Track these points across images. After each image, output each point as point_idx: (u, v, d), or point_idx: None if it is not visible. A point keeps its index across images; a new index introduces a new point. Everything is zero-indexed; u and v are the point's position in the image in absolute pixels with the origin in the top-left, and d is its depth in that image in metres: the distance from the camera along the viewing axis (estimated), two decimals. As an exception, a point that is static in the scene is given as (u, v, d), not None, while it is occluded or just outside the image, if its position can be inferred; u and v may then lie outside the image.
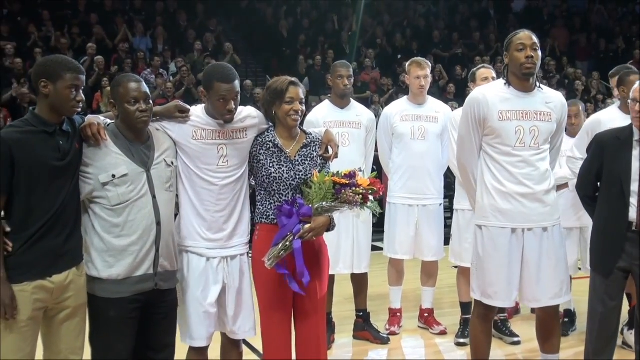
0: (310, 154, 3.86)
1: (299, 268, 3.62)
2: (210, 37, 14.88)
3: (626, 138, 4.21)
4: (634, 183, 4.13)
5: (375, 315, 6.00)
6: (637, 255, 4.14)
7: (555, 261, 4.13)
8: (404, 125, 5.76)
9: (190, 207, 3.74)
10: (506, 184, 4.07)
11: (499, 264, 4.10)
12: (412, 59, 5.99)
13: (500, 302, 4.19)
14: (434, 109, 5.84)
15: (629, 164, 4.15)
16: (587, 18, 19.19)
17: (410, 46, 16.32)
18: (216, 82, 3.66)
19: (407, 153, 5.76)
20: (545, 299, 4.15)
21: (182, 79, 12.86)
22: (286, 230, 3.62)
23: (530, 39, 4.06)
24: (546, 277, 4.11)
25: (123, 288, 3.41)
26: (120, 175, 3.39)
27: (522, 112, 4.07)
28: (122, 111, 3.46)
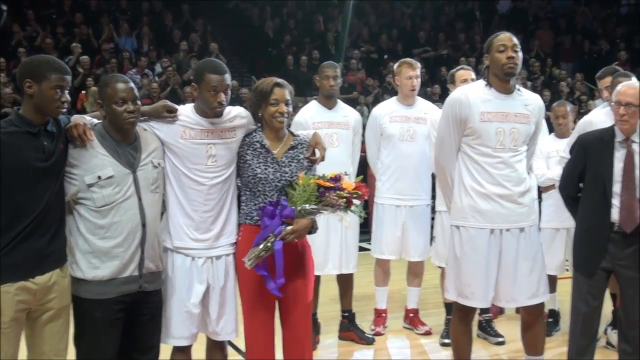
0: (297, 156, 3.86)
1: (278, 270, 3.62)
2: (196, 38, 14.85)
3: (609, 139, 4.26)
4: (616, 184, 4.18)
5: (361, 315, 6.02)
6: (619, 255, 4.20)
7: (531, 261, 4.16)
8: (393, 126, 5.78)
9: (178, 206, 3.73)
10: (485, 185, 4.08)
11: (477, 264, 4.11)
12: (401, 59, 6.00)
13: (477, 302, 4.20)
14: (423, 110, 5.85)
15: (611, 165, 4.20)
16: (572, 19, 19.29)
17: (395, 47, 16.35)
18: (207, 73, 3.66)
19: (396, 154, 5.78)
20: (522, 298, 4.17)
21: (167, 79, 12.82)
22: (268, 231, 3.62)
23: (511, 40, 4.08)
24: (522, 277, 4.13)
25: (108, 289, 3.39)
26: (106, 176, 3.37)
27: (502, 114, 4.09)
28: (109, 112, 3.44)
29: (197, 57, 13.73)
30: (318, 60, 14.02)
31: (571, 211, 4.51)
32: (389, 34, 16.87)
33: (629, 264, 4.19)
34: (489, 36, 4.31)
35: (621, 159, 4.21)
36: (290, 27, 16.55)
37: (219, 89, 3.65)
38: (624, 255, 4.20)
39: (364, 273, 6.34)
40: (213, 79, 3.65)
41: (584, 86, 15.10)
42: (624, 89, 4.25)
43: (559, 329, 5.86)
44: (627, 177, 4.17)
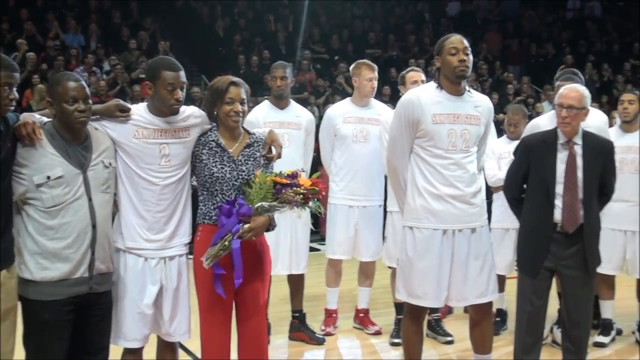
0: (253, 154, 3.85)
1: (236, 269, 3.61)
2: (145, 36, 14.68)
3: (552, 141, 4.36)
4: (558, 185, 4.28)
5: (312, 316, 6.04)
6: (562, 255, 4.30)
7: (482, 261, 4.22)
8: (347, 127, 5.81)
9: (131, 207, 3.70)
10: (438, 186, 4.13)
11: (430, 264, 4.15)
12: (360, 61, 6.01)
13: (429, 302, 4.25)
14: (377, 112, 5.89)
15: (554, 167, 4.30)
16: (519, 23, 19.59)
17: (346, 48, 16.41)
18: (163, 70, 3.65)
19: (349, 155, 5.81)
20: (472, 297, 4.23)
21: (116, 78, 12.67)
22: (225, 230, 3.61)
23: (462, 42, 4.12)
24: (473, 277, 4.19)
25: (57, 291, 3.34)
26: (56, 176, 3.32)
27: (454, 116, 4.13)
28: (59, 110, 3.39)
29: (146, 56, 13.60)
30: (269, 60, 14.00)
31: (515, 212, 4.60)
32: (340, 35, 16.92)
33: (571, 263, 4.29)
34: (438, 38, 4.36)
35: (563, 161, 4.31)
36: (240, 27, 16.48)
37: (176, 85, 3.64)
38: (566, 255, 4.30)
39: (315, 273, 6.37)
40: (169, 76, 3.64)
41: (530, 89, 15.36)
42: (566, 92, 4.36)
43: (507, 328, 5.96)
44: (569, 179, 4.26)
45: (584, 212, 4.25)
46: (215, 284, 3.67)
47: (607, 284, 5.72)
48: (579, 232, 4.26)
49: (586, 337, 4.43)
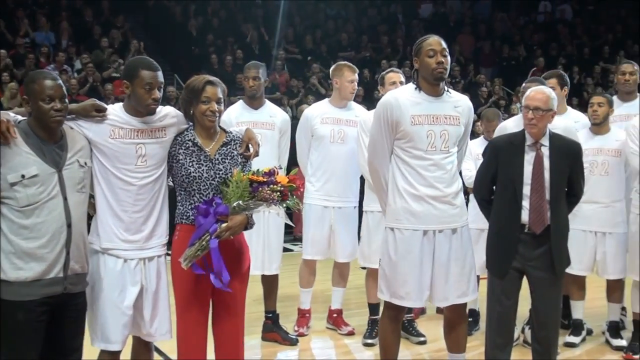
0: (230, 153, 3.86)
1: (216, 268, 3.61)
2: (117, 34, 14.58)
3: (519, 143, 4.41)
4: (525, 186, 4.33)
5: (285, 316, 6.04)
6: (529, 256, 4.34)
7: (462, 261, 4.25)
8: (324, 128, 5.82)
9: (107, 207, 3.69)
10: (418, 187, 4.15)
11: (411, 265, 4.18)
12: (341, 62, 6.03)
13: (411, 303, 4.29)
14: (354, 113, 5.91)
15: (521, 168, 4.35)
16: (492, 26, 19.75)
17: (319, 49, 16.43)
18: (141, 69, 3.65)
19: (326, 156, 5.83)
20: (453, 297, 4.26)
21: (87, 76, 12.57)
22: (202, 230, 3.61)
23: (440, 44, 4.14)
24: (454, 277, 4.22)
25: (31, 291, 3.31)
26: (30, 175, 3.30)
27: (433, 117, 4.16)
28: (35, 109, 3.36)
29: (118, 55, 13.50)
30: (242, 60, 13.97)
31: (485, 214, 4.64)
32: (313, 35, 16.94)
33: (539, 264, 4.34)
34: (411, 40, 4.40)
35: (530, 162, 4.35)
36: (214, 26, 16.43)
37: (154, 85, 3.65)
38: (534, 256, 4.34)
39: (288, 274, 6.37)
40: (147, 75, 3.64)
41: (502, 91, 15.48)
42: (533, 94, 4.41)
43: (479, 328, 6.01)
44: (536, 180, 4.31)
45: (550, 213, 4.30)
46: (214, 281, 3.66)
47: (578, 284, 5.79)
48: (546, 233, 4.31)
49: (554, 338, 4.47)
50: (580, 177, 4.48)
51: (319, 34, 17.12)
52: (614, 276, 5.66)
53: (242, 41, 16.07)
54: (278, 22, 16.59)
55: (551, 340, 4.45)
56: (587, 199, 4.70)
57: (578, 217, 4.93)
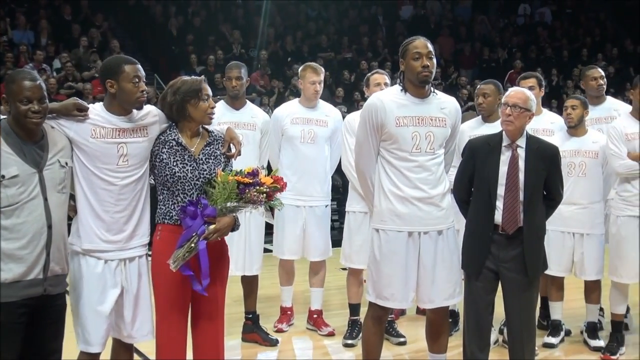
0: (213, 152, 3.86)
1: (203, 269, 3.61)
2: (96, 33, 14.49)
3: (496, 144, 4.44)
4: (500, 187, 4.35)
5: (265, 317, 6.05)
6: (502, 257, 4.36)
7: (449, 263, 4.27)
8: (294, 128, 5.83)
9: (88, 208, 3.67)
10: (403, 189, 4.16)
11: (396, 266, 4.19)
12: (307, 63, 6.06)
13: (397, 304, 4.31)
14: (324, 113, 5.94)
15: (496, 168, 4.38)
16: (472, 28, 19.85)
17: (301, 49, 16.44)
18: (125, 65, 3.66)
19: (296, 155, 5.85)
20: (439, 299, 4.28)
21: (67, 75, 12.49)
22: (191, 232, 3.61)
23: (426, 47, 4.16)
24: (440, 279, 4.24)
25: (11, 292, 3.29)
26: (11, 175, 3.27)
27: (418, 118, 4.17)
28: (13, 109, 3.34)
29: (97, 54, 13.42)
30: (223, 60, 13.94)
31: (463, 213, 4.66)
32: (294, 36, 16.94)
33: (512, 266, 4.36)
34: (391, 41, 4.41)
35: (506, 162, 4.38)
36: (194, 26, 16.39)
37: (140, 78, 3.67)
38: (507, 258, 4.36)
39: (268, 274, 6.37)
40: (132, 69, 3.66)
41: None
42: (513, 92, 4.47)
43: (458, 329, 6.02)
44: (510, 180, 4.34)
45: (524, 215, 4.33)
46: (194, 285, 3.67)
47: (556, 285, 5.84)
48: (519, 235, 4.34)
49: (528, 340, 4.47)
50: (558, 181, 4.50)
51: (300, 35, 17.13)
52: (591, 277, 5.71)
53: (223, 41, 16.04)
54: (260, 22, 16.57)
55: (525, 342, 4.45)
56: (565, 200, 4.74)
57: (556, 219, 4.96)
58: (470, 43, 18.75)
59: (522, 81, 5.96)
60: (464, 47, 18.53)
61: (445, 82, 16.06)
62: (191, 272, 3.65)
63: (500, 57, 18.16)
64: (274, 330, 5.98)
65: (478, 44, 18.75)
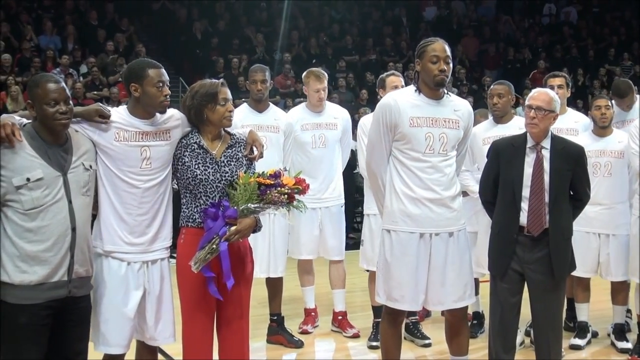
0: (235, 155, 3.88)
1: (225, 271, 3.63)
2: (122, 38, 14.63)
3: (520, 145, 4.42)
4: (525, 188, 4.33)
5: (290, 319, 6.06)
6: (528, 259, 4.34)
7: (459, 265, 4.24)
8: (305, 135, 5.88)
9: (112, 210, 3.70)
10: (415, 189, 4.15)
11: (406, 268, 4.18)
12: (309, 70, 6.05)
13: (407, 306, 4.26)
14: (332, 115, 5.97)
15: (521, 170, 4.35)
16: (496, 28, 19.75)
17: (325, 51, 16.45)
18: (149, 69, 3.69)
19: (309, 160, 5.88)
20: (449, 301, 4.26)
21: (93, 80, 12.61)
22: (212, 233, 3.63)
23: (444, 51, 4.13)
24: (450, 281, 4.21)
25: (35, 294, 3.32)
26: (35, 178, 3.31)
27: (431, 119, 4.16)
28: (40, 112, 3.37)
29: (123, 58, 13.53)
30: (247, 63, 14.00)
31: (489, 214, 4.64)
32: (317, 38, 16.96)
33: (538, 268, 4.33)
34: (415, 42, 4.39)
35: (531, 164, 4.36)
36: (218, 29, 16.46)
37: (164, 82, 3.69)
38: (533, 259, 4.33)
39: (293, 276, 6.37)
40: (156, 73, 3.69)
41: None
42: (537, 94, 4.43)
43: (484, 331, 5.99)
44: (535, 182, 4.31)
45: (549, 217, 4.30)
46: (209, 286, 3.69)
47: (582, 286, 5.79)
48: (545, 236, 4.31)
49: (555, 342, 4.44)
50: (584, 181, 4.46)
51: (324, 37, 17.14)
52: (617, 278, 5.66)
53: (247, 44, 16.09)
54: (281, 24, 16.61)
55: (551, 344, 4.42)
56: (590, 200, 4.69)
57: (581, 219, 4.91)
58: (494, 43, 18.65)
59: (550, 79, 5.90)
60: (489, 48, 18.43)
61: (470, 83, 15.98)
62: (212, 274, 3.67)
63: (525, 58, 18.04)
64: (299, 332, 5.99)
65: (502, 45, 18.64)
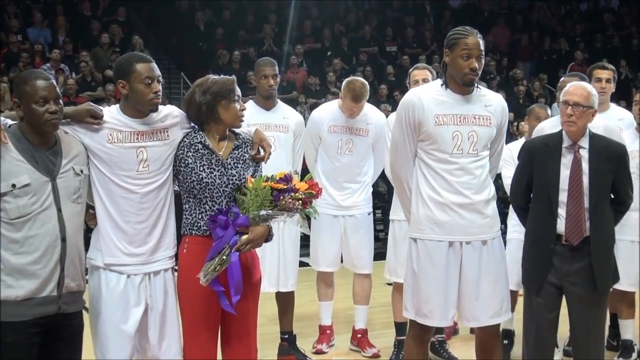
0: (242, 156, 3.88)
1: (236, 284, 3.62)
2: (118, 29, 14.68)
3: (555, 145, 4.37)
4: (562, 193, 4.28)
5: (302, 337, 6.04)
6: (567, 270, 4.29)
7: (495, 277, 4.21)
8: (332, 138, 5.84)
9: (108, 218, 3.70)
10: (443, 194, 4.13)
11: (435, 280, 4.15)
12: (348, 79, 5.87)
13: (436, 322, 4.23)
14: (365, 120, 5.89)
15: (557, 173, 4.31)
16: (529, 16, 19.68)
17: (340, 43, 16.45)
18: (136, 63, 3.68)
19: (333, 165, 5.85)
20: (485, 317, 4.22)
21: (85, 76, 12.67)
22: (222, 243, 3.62)
23: (478, 47, 4.07)
24: (485, 294, 4.18)
25: (22, 311, 3.31)
26: (22, 184, 3.30)
27: (459, 117, 4.13)
28: (27, 112, 3.37)
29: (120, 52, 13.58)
30: (254, 56, 14.02)
31: (522, 222, 4.61)
32: (332, 28, 16.95)
33: (578, 280, 4.28)
34: (440, 33, 4.37)
35: (568, 166, 4.31)
36: (223, 19, 16.49)
37: (153, 77, 3.67)
38: (572, 271, 4.29)
39: (306, 290, 6.36)
40: (144, 68, 3.67)
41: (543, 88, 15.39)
42: (573, 88, 4.39)
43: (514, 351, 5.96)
44: (574, 185, 4.27)
45: (590, 223, 4.26)
46: (220, 300, 3.67)
47: (627, 301, 5.72)
48: (585, 245, 4.27)
49: None
50: (627, 182, 4.41)
51: (339, 27, 17.13)
52: (667, 292, 5.61)
53: (254, 36, 16.10)
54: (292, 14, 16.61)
55: None
56: (634, 206, 4.65)
57: (624, 227, 4.87)
58: (528, 33, 18.58)
59: (597, 71, 5.76)
60: (521, 38, 18.37)
61: (500, 76, 15.93)
62: (222, 288, 3.66)
63: (562, 48, 17.96)
64: (313, 352, 5.97)
65: (537, 34, 18.57)
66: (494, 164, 4.39)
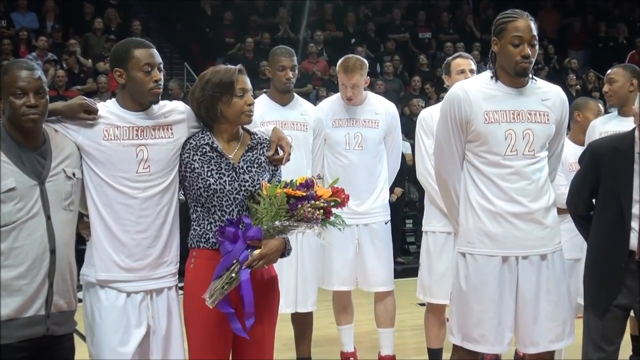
0: (257, 159, 3.87)
1: (247, 305, 3.59)
2: (114, 14, 14.73)
3: (626, 149, 4.29)
4: (635, 204, 4.21)
5: (323, 364, 6.04)
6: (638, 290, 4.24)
7: (556, 296, 4.17)
8: (337, 133, 5.80)
9: (103, 228, 3.70)
10: (495, 202, 4.09)
11: (487, 300, 4.11)
12: (341, 60, 5.88)
13: (489, 348, 4.19)
14: (373, 110, 5.88)
15: (630, 182, 4.24)
16: (582, -2, 19.63)
17: (366, 28, 16.44)
18: (134, 49, 3.69)
19: (341, 164, 5.82)
20: (545, 342, 4.18)
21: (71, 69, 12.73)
22: (230, 259, 3.60)
23: (530, 31, 4.04)
24: (545, 316, 4.14)
25: (6, 333, 3.32)
26: (7, 189, 3.31)
27: (512, 113, 4.10)
28: (7, 105, 3.39)
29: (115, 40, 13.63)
30: (268, 44, 14.04)
31: (582, 233, 4.57)
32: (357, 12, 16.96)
33: None
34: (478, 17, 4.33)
35: None
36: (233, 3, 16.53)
37: (153, 64, 3.69)
38: None
39: (326, 311, 6.36)
40: (144, 54, 3.69)
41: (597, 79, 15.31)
42: None
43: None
44: None
45: None
46: (231, 323, 3.65)
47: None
48: None
49: None
50: None
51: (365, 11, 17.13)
52: None
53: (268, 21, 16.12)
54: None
55: None
56: None
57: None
58: (580, 17, 18.51)
59: None
60: (573, 23, 18.29)
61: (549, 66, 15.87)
62: (232, 310, 3.64)
63: (620, 35, 17.85)
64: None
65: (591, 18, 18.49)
66: (553, 166, 4.35)
